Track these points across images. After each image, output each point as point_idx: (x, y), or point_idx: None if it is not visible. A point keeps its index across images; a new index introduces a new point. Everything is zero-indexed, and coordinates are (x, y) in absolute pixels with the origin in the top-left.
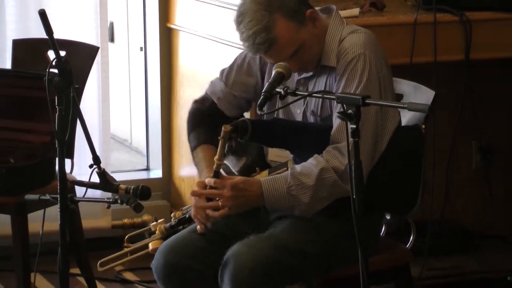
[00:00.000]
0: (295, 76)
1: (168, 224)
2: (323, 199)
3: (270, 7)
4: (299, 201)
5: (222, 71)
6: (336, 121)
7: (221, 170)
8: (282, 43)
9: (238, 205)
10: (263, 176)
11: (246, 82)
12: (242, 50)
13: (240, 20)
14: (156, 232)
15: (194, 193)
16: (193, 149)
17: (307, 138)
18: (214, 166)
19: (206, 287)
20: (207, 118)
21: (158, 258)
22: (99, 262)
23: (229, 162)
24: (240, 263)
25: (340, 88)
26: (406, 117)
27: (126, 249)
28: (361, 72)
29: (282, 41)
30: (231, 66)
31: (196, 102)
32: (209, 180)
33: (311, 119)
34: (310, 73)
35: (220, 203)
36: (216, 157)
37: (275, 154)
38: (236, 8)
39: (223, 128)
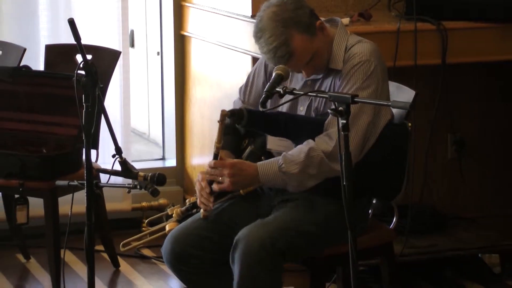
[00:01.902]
0: (304, 78)
1: (184, 207)
2: (312, 176)
3: (287, 23)
4: (290, 175)
5: (240, 89)
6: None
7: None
8: (299, 54)
9: (236, 182)
10: None
11: (259, 95)
12: (249, 52)
13: (259, 35)
14: (173, 215)
15: (198, 178)
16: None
17: (307, 129)
18: (214, 149)
19: (206, 270)
20: (230, 130)
21: (166, 245)
22: (122, 243)
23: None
24: (249, 243)
25: (343, 85)
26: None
27: (145, 231)
28: (363, 74)
29: (299, 52)
30: (246, 85)
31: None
32: (210, 162)
33: (313, 115)
34: (319, 76)
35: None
36: (216, 140)
37: (275, 143)
38: (247, 19)
39: (221, 112)
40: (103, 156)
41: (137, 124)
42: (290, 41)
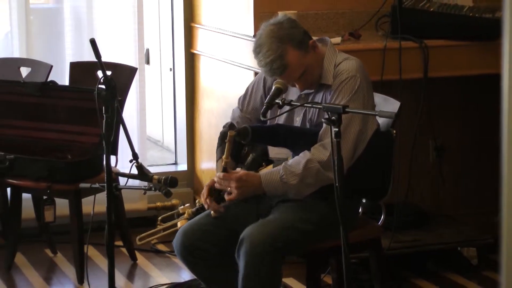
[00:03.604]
0: (298, 92)
1: (195, 208)
2: (310, 185)
3: (282, 39)
4: (289, 185)
5: (239, 100)
6: (323, 125)
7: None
8: (292, 67)
9: (242, 193)
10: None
11: (256, 107)
12: (251, 68)
13: (258, 50)
14: (184, 214)
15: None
16: (217, 160)
17: (303, 139)
18: (223, 164)
19: (212, 262)
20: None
21: (177, 239)
22: (138, 237)
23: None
24: (253, 241)
25: (333, 99)
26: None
27: (159, 227)
28: (351, 89)
29: (293, 65)
30: (244, 95)
31: (224, 127)
32: (219, 174)
33: (308, 125)
34: (311, 90)
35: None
36: (224, 156)
37: (275, 152)
38: (250, 39)
39: (228, 133)
40: (122, 161)
41: (152, 132)
42: (285, 55)
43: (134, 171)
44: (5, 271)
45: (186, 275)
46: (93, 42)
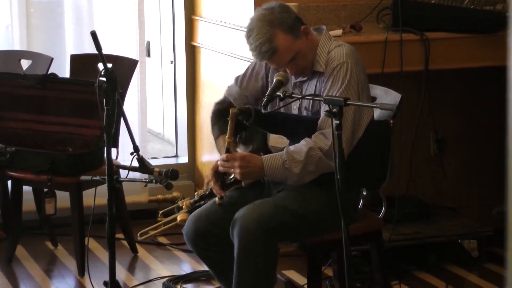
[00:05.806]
0: (292, 80)
1: (192, 199)
2: (311, 172)
3: (272, 23)
4: (291, 172)
5: (237, 78)
6: (322, 114)
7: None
8: (281, 51)
9: (244, 173)
10: None
11: (255, 85)
12: (251, 61)
13: (249, 34)
14: (183, 206)
15: (213, 168)
16: (215, 138)
17: (301, 127)
18: (226, 144)
19: (224, 247)
20: (226, 114)
21: (188, 224)
22: (139, 232)
23: (239, 149)
24: (246, 221)
25: (327, 87)
26: (379, 114)
27: (160, 222)
28: (343, 75)
29: (281, 49)
30: (244, 74)
31: (217, 103)
32: (223, 156)
33: (304, 113)
34: (305, 78)
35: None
36: (227, 136)
37: (274, 141)
38: (245, 27)
39: (230, 110)
40: (123, 154)
41: (152, 125)
42: (274, 38)
43: (135, 163)
44: (6, 263)
45: (187, 268)
46: (93, 35)
